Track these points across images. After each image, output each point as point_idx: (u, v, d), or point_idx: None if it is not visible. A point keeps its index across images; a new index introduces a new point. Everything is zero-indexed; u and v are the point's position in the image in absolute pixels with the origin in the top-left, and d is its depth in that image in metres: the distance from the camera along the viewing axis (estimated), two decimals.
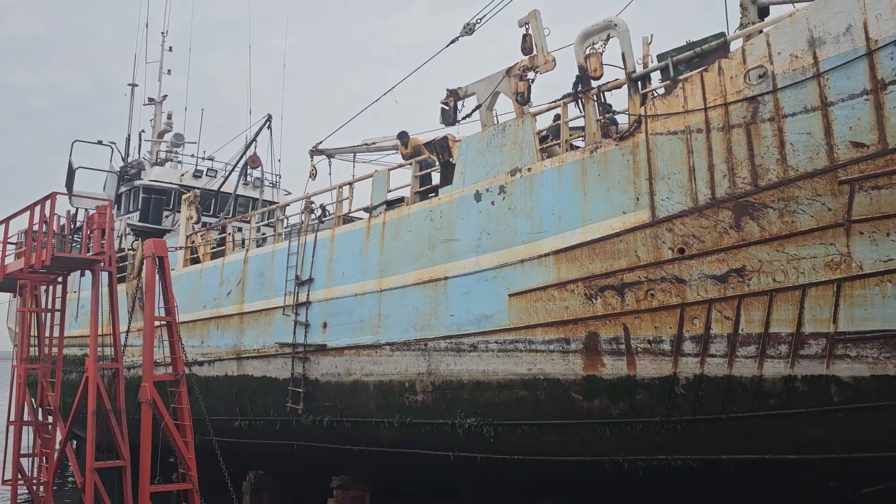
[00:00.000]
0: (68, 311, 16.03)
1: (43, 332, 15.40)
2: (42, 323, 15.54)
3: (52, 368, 14.75)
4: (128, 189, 25.57)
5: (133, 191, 25.26)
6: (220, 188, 24.29)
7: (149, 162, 26.71)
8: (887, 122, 9.00)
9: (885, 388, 9.24)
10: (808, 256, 9.62)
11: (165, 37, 29.60)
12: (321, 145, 20.13)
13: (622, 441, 11.25)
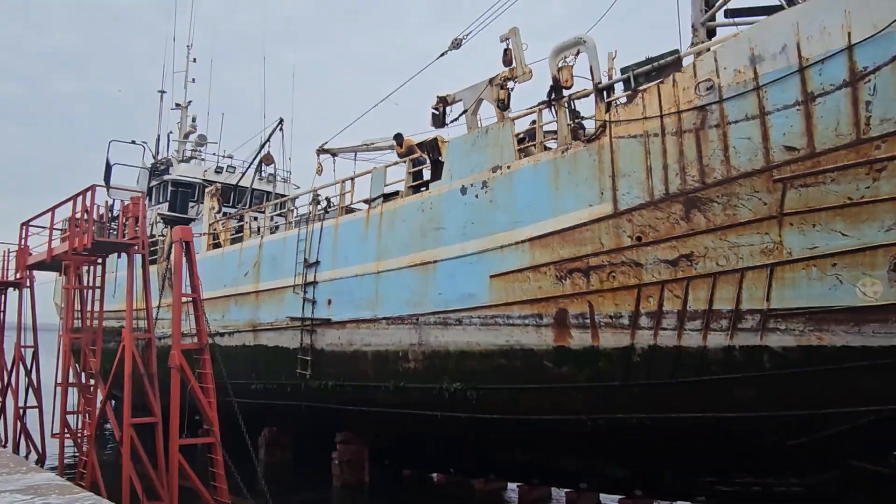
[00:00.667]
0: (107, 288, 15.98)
1: (85, 307, 15.38)
2: (84, 298, 15.50)
3: (94, 338, 14.71)
4: (158, 183, 25.52)
5: (162, 184, 25.23)
6: (238, 182, 24.22)
7: (176, 159, 26.64)
8: (815, 129, 9.12)
9: (808, 357, 9.44)
10: (746, 244, 9.73)
11: (190, 50, 29.43)
12: (326, 145, 20.09)
13: (587, 402, 11.32)
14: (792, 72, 9.21)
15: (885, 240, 8.85)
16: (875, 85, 8.68)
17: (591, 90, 11.57)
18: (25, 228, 17.10)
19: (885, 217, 8.83)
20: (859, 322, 9.11)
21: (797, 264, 9.41)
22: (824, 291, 9.27)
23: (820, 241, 9.22)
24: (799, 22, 9.21)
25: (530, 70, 12.90)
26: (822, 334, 9.34)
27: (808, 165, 9.14)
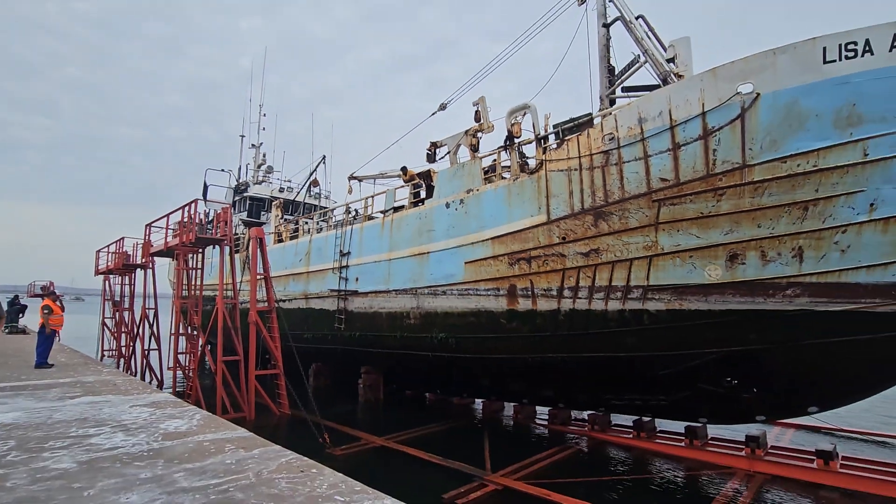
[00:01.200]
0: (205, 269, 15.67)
1: (190, 282, 15.08)
2: (190, 276, 15.19)
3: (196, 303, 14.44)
4: (239, 198, 25.02)
5: (242, 199, 24.73)
6: (294, 198, 23.86)
7: (252, 182, 26.13)
8: (680, 167, 9.06)
9: (672, 316, 9.44)
10: (634, 242, 9.66)
11: (261, 108, 28.87)
12: (355, 174, 19.81)
13: (528, 347, 11.26)
14: (666, 129, 9.14)
15: (724, 240, 8.90)
16: (720, 138, 8.69)
17: (533, 139, 11.49)
18: (148, 228, 16.69)
19: (724, 225, 8.87)
20: (706, 294, 9.14)
21: (667, 256, 9.38)
22: (684, 274, 9.26)
23: (682, 241, 9.21)
24: (671, 96, 9.15)
25: (493, 125, 12.84)
26: (682, 302, 9.36)
27: (675, 191, 9.10)
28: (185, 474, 3.43)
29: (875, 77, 7.64)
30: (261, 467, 3.59)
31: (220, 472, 3.49)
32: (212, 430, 4.65)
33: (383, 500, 2.98)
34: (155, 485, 3.22)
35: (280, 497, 3.03)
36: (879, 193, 7.99)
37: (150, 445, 4.12)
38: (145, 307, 18.24)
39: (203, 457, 3.83)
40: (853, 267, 8.32)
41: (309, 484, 3.27)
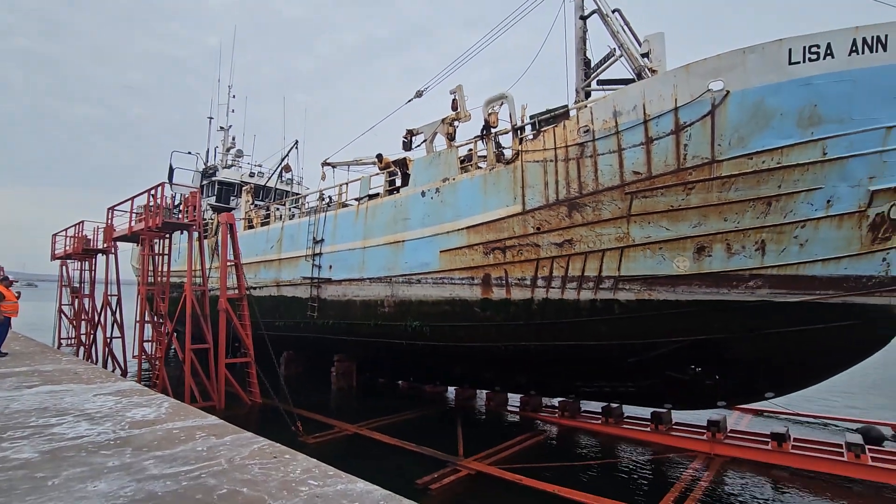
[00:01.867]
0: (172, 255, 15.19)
1: (157, 268, 14.61)
2: (156, 262, 14.72)
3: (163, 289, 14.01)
4: (208, 182, 24.25)
5: (211, 183, 23.99)
6: (265, 184, 23.29)
7: (221, 166, 25.33)
8: (652, 160, 9.25)
9: (642, 306, 9.71)
10: (606, 234, 9.83)
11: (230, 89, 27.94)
12: (329, 160, 19.44)
13: (501, 335, 11.38)
14: (640, 123, 9.29)
15: (692, 233, 9.17)
16: (690, 134, 8.91)
17: (509, 129, 11.50)
18: (111, 211, 16.04)
19: (693, 219, 9.14)
20: (674, 285, 9.43)
21: (638, 247, 9.59)
22: (654, 265, 9.51)
23: (652, 233, 9.44)
24: (645, 90, 9.30)
25: (470, 114, 12.79)
26: (651, 292, 9.64)
27: (647, 184, 9.28)
28: (155, 461, 3.37)
29: (835, 80, 7.98)
30: (233, 454, 3.56)
31: (191, 458, 3.45)
32: (181, 417, 4.57)
33: (356, 483, 3.01)
34: (123, 472, 3.16)
35: (253, 482, 3.02)
36: (835, 191, 8.39)
37: (117, 434, 4.02)
38: (107, 294, 17.59)
39: (173, 444, 3.76)
40: (810, 260, 8.75)
41: (282, 469, 3.27)
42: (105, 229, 16.63)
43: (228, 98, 27.82)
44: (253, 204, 20.45)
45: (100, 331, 18.50)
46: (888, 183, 8.28)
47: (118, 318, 17.75)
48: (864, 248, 8.57)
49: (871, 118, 8.04)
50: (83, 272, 19.75)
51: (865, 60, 7.90)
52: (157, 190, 13.03)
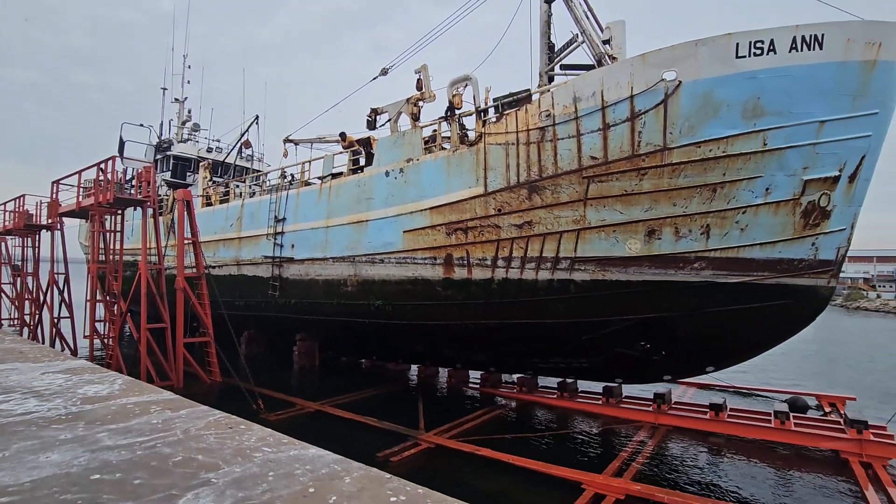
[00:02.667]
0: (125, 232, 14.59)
1: (108, 246, 14.02)
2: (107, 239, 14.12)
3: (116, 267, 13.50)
4: (162, 157, 23.18)
5: (166, 158, 22.94)
6: (224, 160, 22.51)
7: (176, 140, 24.27)
8: (609, 146, 9.55)
9: (596, 286, 10.10)
10: (564, 216, 10.11)
11: (186, 58, 26.62)
12: (291, 136, 18.98)
13: (463, 313, 11.62)
14: (598, 109, 9.53)
15: (644, 217, 9.59)
16: (645, 121, 9.24)
17: (473, 111, 11.52)
18: (56, 185, 15.17)
19: (644, 203, 9.54)
20: (626, 265, 9.86)
21: (593, 230, 9.92)
22: (608, 247, 9.89)
23: (607, 216, 9.80)
24: (604, 78, 9.55)
25: (434, 95, 12.75)
26: (605, 272, 10.04)
27: (603, 169, 9.58)
28: (109, 434, 3.39)
29: (777, 74, 8.45)
30: (188, 425, 3.62)
31: (146, 430, 3.49)
32: (135, 393, 4.56)
33: (308, 449, 3.14)
34: (77, 444, 3.18)
35: (208, 450, 3.11)
36: (774, 180, 8.96)
37: (69, 409, 3.99)
38: (53, 272, 16.76)
39: (127, 418, 3.78)
40: (749, 244, 9.35)
41: (237, 438, 3.36)
42: (50, 204, 15.75)
43: (183, 68, 26.55)
44: (211, 180, 19.76)
45: (46, 311, 17.66)
46: (819, 173, 8.91)
47: (66, 298, 16.98)
48: (796, 233, 9.23)
49: (807, 112, 8.59)
50: (25, 249, 18.69)
51: (803, 58, 8.40)
52: (107, 164, 12.40)
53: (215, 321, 13.30)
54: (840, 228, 9.38)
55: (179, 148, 23.05)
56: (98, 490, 2.56)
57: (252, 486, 2.67)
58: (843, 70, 8.46)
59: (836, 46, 8.37)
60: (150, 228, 13.22)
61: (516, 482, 7.96)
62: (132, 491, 2.56)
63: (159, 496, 2.52)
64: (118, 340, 12.98)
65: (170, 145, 23.25)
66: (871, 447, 8.76)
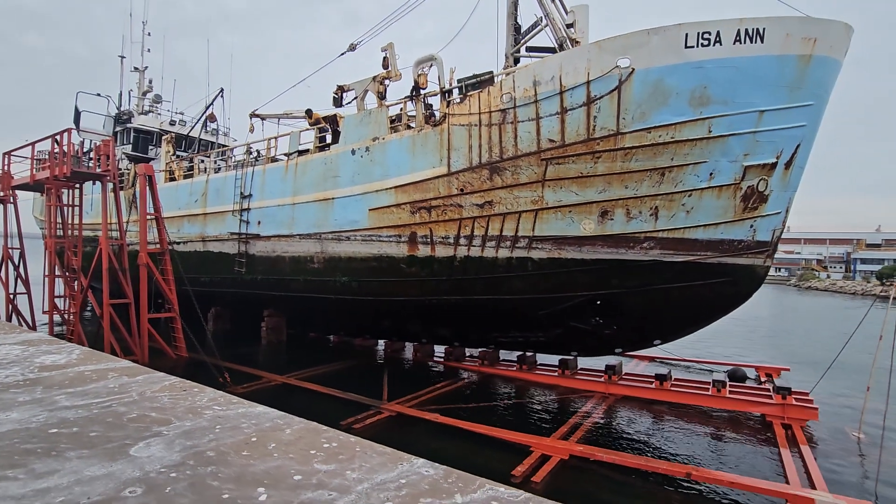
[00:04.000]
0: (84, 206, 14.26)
1: (66, 220, 13.69)
2: (65, 214, 13.78)
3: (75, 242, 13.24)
4: (122, 129, 22.31)
5: (126, 131, 22.10)
6: (188, 133, 21.92)
7: (136, 111, 23.41)
8: (566, 130, 9.90)
9: (552, 263, 10.51)
10: (523, 196, 10.45)
11: (146, 25, 25.46)
12: (257, 111, 18.60)
13: (426, 290, 11.96)
14: (556, 93, 9.81)
15: (598, 198, 10.04)
16: (600, 106, 9.61)
17: (438, 91, 11.67)
18: (8, 157, 14.64)
19: (599, 185, 10.00)
20: (581, 244, 10.35)
21: (550, 210, 10.33)
22: (564, 227, 10.33)
23: (563, 197, 10.22)
24: (562, 62, 9.82)
25: (400, 74, 12.77)
26: (561, 251, 10.52)
27: (560, 151, 9.94)
28: (67, 396, 3.61)
29: (721, 65, 8.91)
30: (144, 388, 3.86)
31: (102, 393, 3.71)
32: (93, 362, 4.73)
33: (256, 407, 3.44)
34: (35, 405, 3.39)
35: (162, 409, 3.37)
36: (717, 165, 9.53)
37: (26, 376, 4.15)
38: (6, 247, 16.28)
39: (84, 383, 3.98)
40: (694, 225, 9.95)
41: (190, 399, 3.63)
42: (2, 177, 15.20)
43: (143, 35, 25.33)
44: (174, 155, 19.31)
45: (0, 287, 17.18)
46: (758, 160, 9.51)
47: (21, 274, 16.55)
48: (737, 215, 9.88)
49: (749, 102, 9.12)
50: None
51: (747, 50, 8.87)
52: (62, 136, 12.06)
53: (182, 297, 13.30)
54: (776, 212, 10.09)
55: (140, 120, 22.29)
56: (56, 441, 2.81)
57: (200, 436, 2.96)
58: (782, 63, 8.99)
59: (776, 40, 8.86)
60: (111, 203, 12.98)
61: (472, 447, 8.48)
62: (88, 441, 2.82)
63: (113, 445, 2.79)
64: (79, 317, 12.85)
65: (130, 117, 22.45)
66: (792, 410, 9.65)
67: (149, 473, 2.47)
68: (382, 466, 2.72)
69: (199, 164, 18.56)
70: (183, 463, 2.61)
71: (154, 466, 2.55)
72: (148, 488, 2.32)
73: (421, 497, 2.37)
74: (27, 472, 2.44)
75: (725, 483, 6.81)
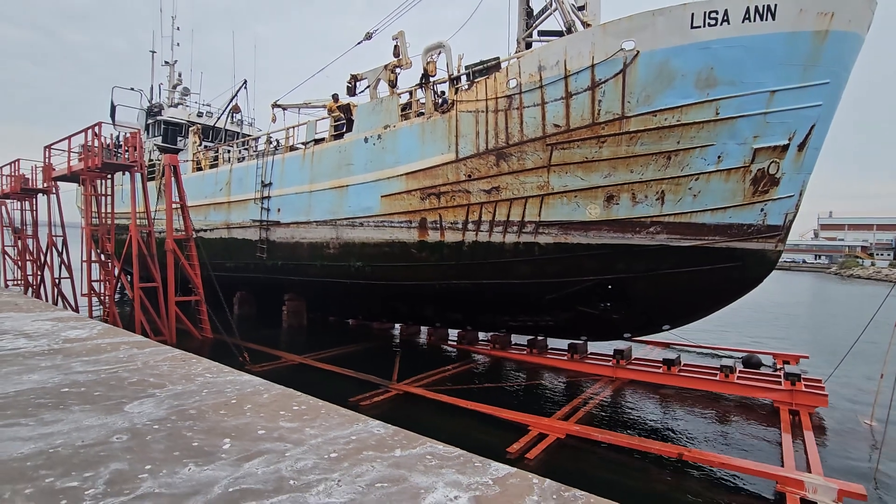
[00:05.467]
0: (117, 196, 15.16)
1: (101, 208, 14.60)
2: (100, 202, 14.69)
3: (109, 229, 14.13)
4: (153, 121, 23.38)
5: (156, 123, 23.15)
6: (214, 124, 22.71)
7: (166, 104, 24.39)
8: (571, 115, 9.90)
9: (559, 248, 10.61)
10: (529, 182, 10.52)
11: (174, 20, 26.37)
12: (279, 101, 19.18)
13: (436, 274, 12.20)
14: (561, 78, 9.80)
15: (603, 183, 10.04)
16: (604, 90, 9.56)
17: (446, 79, 11.76)
18: (48, 150, 15.65)
19: (604, 170, 9.98)
20: (587, 229, 10.39)
21: (556, 195, 10.38)
22: (570, 212, 10.38)
23: (569, 182, 10.25)
24: (567, 47, 9.77)
25: (411, 62, 12.91)
26: (567, 236, 10.59)
27: (565, 136, 9.94)
28: (81, 363, 4.09)
29: (729, 45, 8.72)
30: (148, 359, 4.31)
31: (111, 361, 4.18)
32: (110, 336, 5.25)
33: (243, 376, 3.83)
34: (54, 370, 3.87)
35: (160, 375, 3.80)
36: (725, 148, 9.37)
37: (52, 346, 4.68)
38: (51, 234, 17.45)
39: (98, 353, 4.47)
40: (702, 209, 9.85)
41: (186, 367, 4.05)
42: (43, 168, 16.25)
43: (173, 30, 26.37)
44: (201, 145, 20.12)
45: (47, 271, 18.48)
46: (769, 142, 9.30)
47: (65, 259, 17.73)
48: (746, 199, 9.71)
49: (758, 82, 8.91)
50: (24, 212, 19.35)
51: (756, 28, 8.64)
52: (94, 129, 12.83)
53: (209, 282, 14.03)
54: (788, 195, 9.85)
55: (170, 113, 23.24)
56: (65, 398, 3.26)
57: (187, 398, 3.36)
58: (795, 40, 8.72)
59: (788, 16, 8.60)
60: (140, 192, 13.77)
61: (473, 424, 8.80)
62: (91, 399, 3.26)
63: (112, 402, 3.22)
64: (113, 297, 13.77)
65: (160, 110, 23.43)
66: (801, 397, 9.54)
67: (136, 425, 2.88)
68: (339, 426, 3.05)
69: (224, 154, 19.29)
70: (167, 418, 3.01)
71: (142, 420, 2.96)
72: (132, 436, 2.72)
73: (364, 450, 2.69)
74: (37, 421, 2.88)
75: (716, 464, 6.90)
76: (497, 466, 2.55)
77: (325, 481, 2.30)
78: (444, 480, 2.37)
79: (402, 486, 2.30)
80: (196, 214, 17.75)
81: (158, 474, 2.29)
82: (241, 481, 2.26)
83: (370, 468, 2.46)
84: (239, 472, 2.35)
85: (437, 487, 2.30)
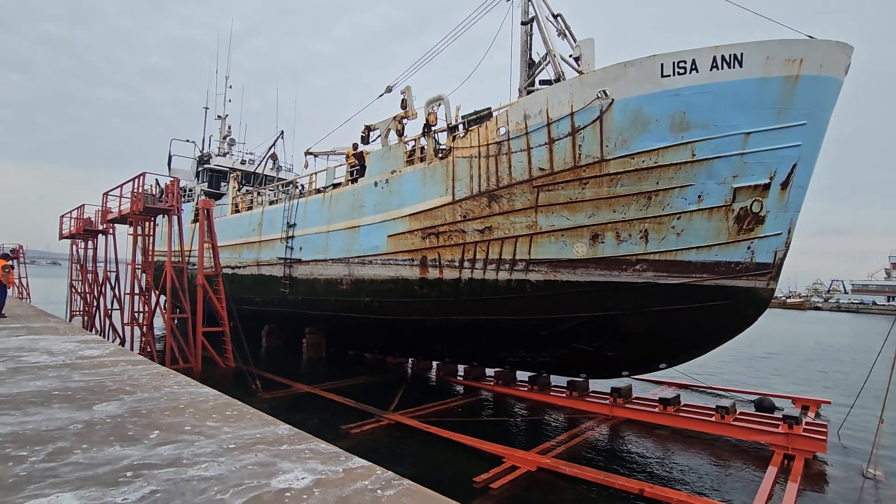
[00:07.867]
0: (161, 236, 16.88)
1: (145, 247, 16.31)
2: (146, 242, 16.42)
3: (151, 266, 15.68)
4: (202, 169, 25.89)
5: (204, 170, 25.60)
6: (254, 171, 24.84)
7: (214, 154, 26.92)
8: (554, 159, 10.48)
9: (549, 286, 10.92)
10: (519, 222, 11.00)
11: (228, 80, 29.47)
12: (311, 149, 20.91)
13: (435, 309, 12.73)
14: (544, 125, 10.46)
15: (588, 222, 10.42)
16: (584, 136, 10.15)
17: (445, 128, 12.67)
18: (105, 196, 17.81)
19: (588, 210, 10.41)
20: (575, 267, 10.72)
21: (544, 234, 10.82)
22: (558, 250, 10.78)
23: (556, 222, 10.71)
24: (549, 97, 10.50)
25: (416, 113, 14.06)
26: (556, 273, 10.94)
27: (550, 179, 10.50)
28: (80, 375, 4.99)
29: (699, 91, 9.18)
30: (135, 373, 5.17)
31: (104, 374, 5.06)
32: (116, 355, 6.21)
33: (204, 388, 4.58)
34: (56, 379, 4.78)
35: (136, 385, 4.62)
36: (705, 187, 9.65)
37: (65, 362, 5.65)
38: (107, 270, 19.50)
39: (98, 368, 5.39)
40: (686, 247, 10.04)
41: (161, 380, 4.86)
42: (101, 212, 18.39)
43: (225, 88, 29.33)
44: (240, 190, 22.04)
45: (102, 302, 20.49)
46: (749, 181, 9.52)
47: (117, 292, 19.64)
48: (731, 237, 9.85)
49: (732, 125, 9.25)
50: (87, 251, 21.71)
51: (725, 75, 9.09)
52: (138, 179, 14.65)
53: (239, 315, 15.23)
54: (776, 233, 9.91)
55: (216, 161, 25.66)
56: (51, 398, 4.12)
57: (147, 402, 4.13)
58: (765, 85, 9.08)
59: (755, 64, 9.01)
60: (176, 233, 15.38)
61: (454, 455, 9.10)
62: (71, 400, 4.10)
63: (86, 403, 4.04)
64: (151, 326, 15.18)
65: (209, 158, 25.92)
66: (798, 441, 9.24)
67: (94, 418, 3.67)
68: (254, 427, 3.72)
69: (257, 198, 21.05)
70: (121, 415, 3.79)
71: (100, 416, 3.75)
72: (86, 426, 3.50)
73: (259, 444, 3.34)
74: (22, 413, 3.73)
75: (675, 501, 6.91)
76: (356, 461, 3.12)
77: (210, 463, 2.96)
78: (304, 467, 2.97)
79: (268, 469, 2.92)
80: (232, 253, 19.34)
81: (90, 451, 3.03)
82: (147, 458, 2.96)
83: (253, 456, 3.10)
84: (150, 453, 3.05)
85: (293, 471, 2.90)
